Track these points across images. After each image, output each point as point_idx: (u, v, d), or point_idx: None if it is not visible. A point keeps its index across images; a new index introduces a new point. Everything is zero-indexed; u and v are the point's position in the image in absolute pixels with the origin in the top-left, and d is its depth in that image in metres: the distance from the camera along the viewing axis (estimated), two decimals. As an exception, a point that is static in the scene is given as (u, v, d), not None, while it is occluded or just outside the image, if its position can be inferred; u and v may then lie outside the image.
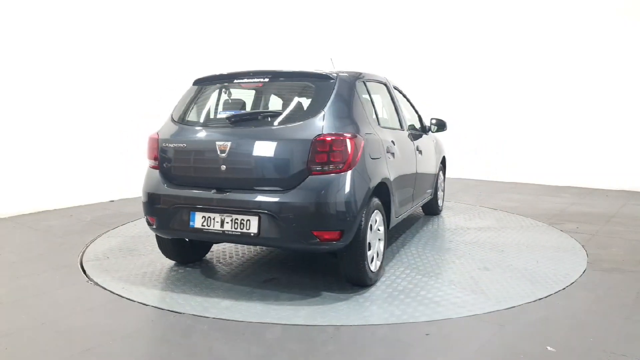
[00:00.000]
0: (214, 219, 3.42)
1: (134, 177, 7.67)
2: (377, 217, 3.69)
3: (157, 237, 4.06)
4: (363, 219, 3.42)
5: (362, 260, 3.48)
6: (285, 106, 3.90)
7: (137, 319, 3.19)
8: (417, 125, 5.43)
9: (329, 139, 3.28)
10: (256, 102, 4.37)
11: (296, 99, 3.78)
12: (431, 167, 5.55)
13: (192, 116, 3.94)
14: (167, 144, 3.70)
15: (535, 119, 9.21)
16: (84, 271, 4.11)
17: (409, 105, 5.42)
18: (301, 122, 3.43)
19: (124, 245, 4.88)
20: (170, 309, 3.28)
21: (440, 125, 5.62)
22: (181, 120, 3.85)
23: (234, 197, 3.38)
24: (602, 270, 4.00)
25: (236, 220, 3.36)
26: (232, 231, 3.37)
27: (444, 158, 6.34)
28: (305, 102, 3.67)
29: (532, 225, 5.63)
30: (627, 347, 2.70)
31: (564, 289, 3.59)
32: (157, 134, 3.81)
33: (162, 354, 2.71)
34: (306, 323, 3.06)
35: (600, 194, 7.77)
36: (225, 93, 4.03)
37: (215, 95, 4.06)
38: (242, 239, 3.41)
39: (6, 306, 3.40)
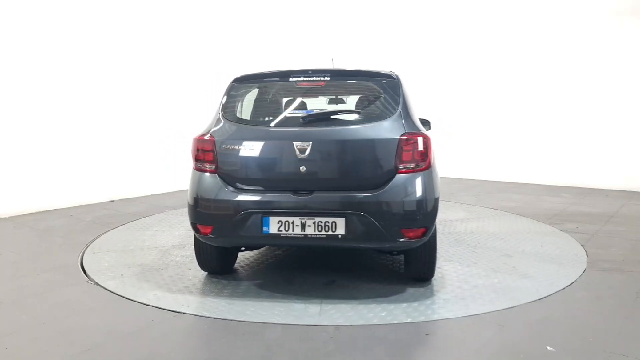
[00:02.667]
0: (292, 223, 3.24)
1: (134, 177, 7.69)
2: None
3: (198, 248, 3.78)
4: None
5: (434, 257, 3.58)
6: (357, 105, 3.83)
7: (137, 319, 3.19)
8: None
9: (414, 137, 3.32)
10: (315, 101, 4.19)
11: (363, 98, 3.77)
12: None
13: (251, 116, 3.79)
14: (228, 146, 3.42)
15: (535, 119, 9.21)
16: (84, 271, 4.11)
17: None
18: (381, 121, 3.41)
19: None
20: (170, 309, 3.28)
21: (424, 123, 5.64)
22: (240, 120, 3.63)
23: (318, 199, 3.24)
24: (602, 270, 4.00)
25: (320, 223, 3.22)
26: (316, 234, 3.22)
27: None
28: (373, 101, 3.66)
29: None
30: (627, 347, 2.70)
31: (564, 289, 3.60)
32: (211, 135, 3.50)
33: (163, 354, 2.71)
34: (306, 323, 3.07)
35: (600, 194, 7.77)
36: (283, 92, 3.92)
37: (271, 94, 3.93)
38: (327, 241, 3.26)
39: (6, 306, 3.40)
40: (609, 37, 8.34)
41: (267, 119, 3.78)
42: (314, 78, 3.63)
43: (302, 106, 3.85)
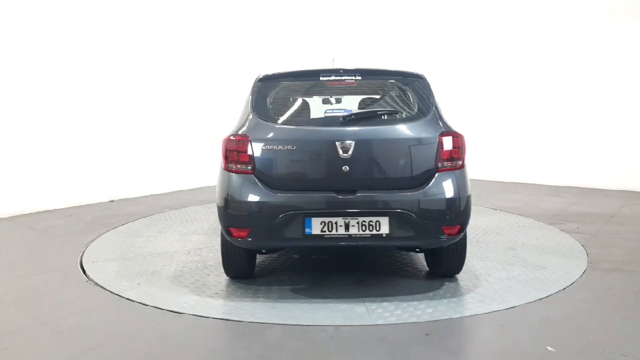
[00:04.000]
0: (336, 223, 3.22)
1: (134, 177, 7.69)
2: None
3: (225, 253, 3.67)
4: None
5: (465, 252, 3.67)
6: (391, 105, 3.86)
7: (137, 319, 3.19)
8: None
9: (453, 136, 3.41)
10: (333, 99, 4.19)
11: (396, 98, 3.80)
12: None
13: (287, 115, 3.73)
14: (267, 146, 3.33)
15: (535, 119, 9.20)
16: (84, 271, 4.11)
17: None
18: (419, 121, 3.48)
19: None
20: (170, 309, 3.28)
21: None
22: (275, 120, 3.54)
23: (362, 198, 3.24)
24: (602, 270, 4.00)
25: (364, 223, 3.22)
26: (360, 234, 3.22)
27: None
28: (407, 101, 3.71)
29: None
30: (627, 347, 2.70)
31: (564, 289, 3.59)
32: (246, 135, 3.39)
33: (162, 354, 2.71)
34: (307, 323, 3.07)
35: (600, 194, 7.77)
36: (314, 91, 3.90)
37: (301, 93, 3.90)
38: (371, 241, 3.28)
39: (6, 306, 3.40)
40: (610, 37, 8.34)
41: (303, 118, 3.76)
42: (345, 77, 3.63)
43: (337, 105, 3.85)
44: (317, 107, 3.89)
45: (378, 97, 4.02)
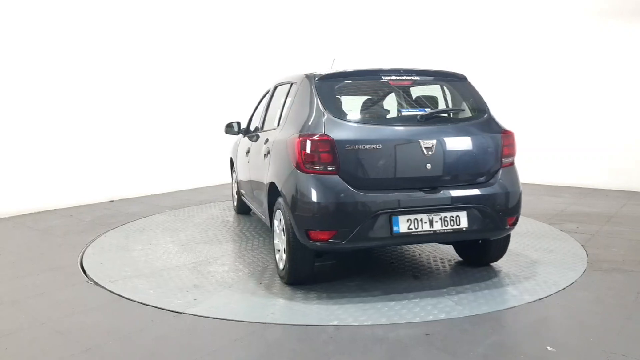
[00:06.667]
0: (421, 220, 3.28)
1: (134, 177, 7.69)
2: None
3: (294, 259, 3.51)
4: None
5: (509, 240, 3.92)
6: (453, 104, 3.98)
7: (137, 319, 3.19)
8: None
9: (510, 134, 3.69)
10: (400, 99, 4.13)
11: (454, 97, 3.93)
12: None
13: (363, 114, 3.74)
14: (351, 146, 3.28)
15: (534, 119, 9.20)
16: (84, 271, 4.11)
17: None
18: (481, 119, 3.70)
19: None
20: (170, 309, 3.28)
21: None
22: (352, 119, 3.51)
23: (444, 194, 3.36)
24: (602, 270, 4.00)
25: (445, 218, 3.33)
26: (444, 229, 3.32)
27: None
28: (466, 100, 3.87)
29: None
30: (627, 347, 2.70)
31: (564, 289, 3.59)
32: (327, 135, 3.31)
33: (162, 354, 2.71)
34: (307, 323, 3.07)
35: (600, 194, 7.76)
36: (377, 90, 3.94)
37: (365, 92, 3.94)
38: (453, 236, 3.41)
39: (6, 306, 3.40)
40: (610, 37, 8.34)
41: (381, 117, 3.80)
42: (404, 77, 3.73)
43: (405, 105, 3.90)
44: (390, 107, 3.94)
45: (434, 96, 4.09)
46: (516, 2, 9.29)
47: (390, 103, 3.94)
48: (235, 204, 6.31)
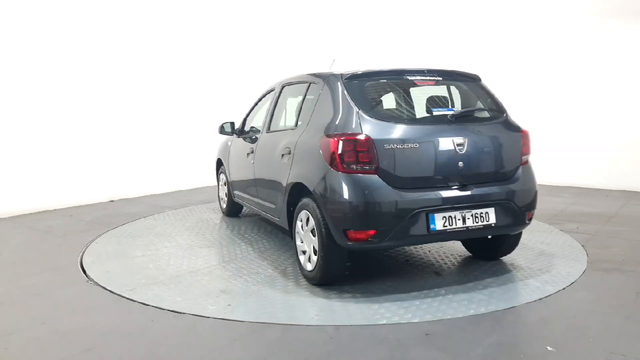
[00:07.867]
0: (454, 217, 3.38)
1: (134, 177, 7.69)
2: None
3: (328, 260, 3.48)
4: None
5: (521, 233, 4.05)
6: (474, 104, 4.04)
7: (137, 319, 3.19)
8: None
9: (527, 132, 3.88)
10: (421, 98, 4.14)
11: (474, 97, 4.02)
12: None
13: (398, 113, 3.76)
14: (389, 145, 3.30)
15: (534, 119, 9.19)
16: (84, 271, 4.11)
17: None
18: (502, 118, 3.84)
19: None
20: (170, 309, 3.28)
21: None
22: (387, 118, 3.51)
23: (475, 192, 3.47)
24: (602, 270, 4.00)
25: (476, 215, 3.44)
26: (475, 226, 3.43)
27: None
28: (486, 100, 3.97)
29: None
30: (627, 347, 2.70)
31: (564, 289, 3.59)
32: (364, 134, 3.31)
33: (162, 354, 2.71)
34: (309, 323, 3.06)
35: (600, 194, 7.76)
36: (402, 89, 3.93)
37: (391, 91, 3.95)
38: (483, 232, 3.54)
39: (6, 306, 3.40)
40: (609, 37, 8.34)
41: (413, 116, 3.80)
42: (428, 77, 3.82)
43: (434, 104, 3.92)
44: (419, 106, 3.95)
45: (455, 96, 4.14)
46: (516, 2, 9.29)
47: (419, 102, 3.96)
48: (225, 206, 6.15)
